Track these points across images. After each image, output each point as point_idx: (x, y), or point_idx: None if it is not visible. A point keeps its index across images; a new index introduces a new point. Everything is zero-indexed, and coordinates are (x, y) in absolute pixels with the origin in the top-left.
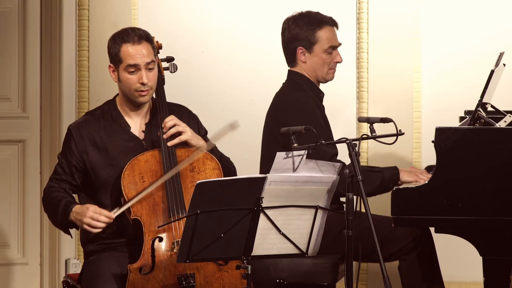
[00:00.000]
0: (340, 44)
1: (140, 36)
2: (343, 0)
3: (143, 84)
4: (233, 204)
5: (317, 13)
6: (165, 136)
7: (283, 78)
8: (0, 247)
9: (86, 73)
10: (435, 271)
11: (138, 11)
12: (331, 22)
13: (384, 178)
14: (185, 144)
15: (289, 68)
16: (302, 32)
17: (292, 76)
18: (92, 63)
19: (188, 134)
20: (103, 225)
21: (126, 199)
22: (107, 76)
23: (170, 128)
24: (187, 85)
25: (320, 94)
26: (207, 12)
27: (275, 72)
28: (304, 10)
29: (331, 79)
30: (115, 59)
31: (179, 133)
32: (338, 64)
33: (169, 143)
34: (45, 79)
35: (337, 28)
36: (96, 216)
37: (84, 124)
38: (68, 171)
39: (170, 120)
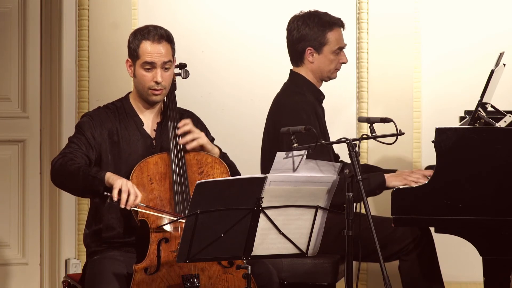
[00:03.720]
0: (346, 45)
1: (161, 35)
2: (343, 0)
3: (157, 83)
4: (233, 204)
5: (326, 13)
6: (181, 142)
7: (283, 78)
8: (0, 247)
9: (86, 73)
10: (435, 271)
11: (138, 11)
12: (340, 23)
13: (370, 185)
14: (199, 149)
15: (291, 69)
16: (312, 32)
17: (294, 78)
18: (92, 63)
19: (204, 139)
20: (132, 197)
21: None
22: (107, 76)
23: (185, 132)
24: (187, 85)
25: (321, 97)
26: (207, 12)
27: (275, 72)
28: (311, 10)
29: (335, 77)
30: (133, 54)
31: (194, 139)
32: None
33: (188, 147)
34: (45, 79)
35: (344, 29)
36: (133, 191)
37: (102, 114)
38: (88, 147)
39: (187, 124)
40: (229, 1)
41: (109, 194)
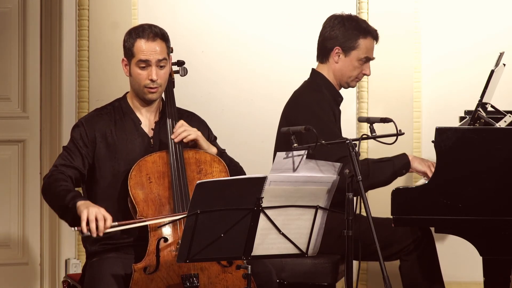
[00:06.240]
0: (374, 58)
1: (156, 33)
2: (343, 0)
3: (152, 80)
4: (233, 204)
5: (364, 21)
6: (176, 140)
7: (283, 78)
8: (0, 247)
9: (86, 73)
10: (435, 271)
11: (138, 11)
12: (374, 35)
13: (395, 167)
14: (194, 147)
15: (313, 68)
16: (346, 33)
17: (314, 76)
18: (92, 63)
19: (199, 136)
20: (101, 223)
21: (133, 200)
22: (107, 76)
23: (180, 133)
24: (187, 85)
25: (339, 98)
26: (207, 12)
27: (275, 72)
28: (352, 14)
29: (353, 87)
30: (128, 53)
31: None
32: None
33: (177, 140)
34: (45, 79)
35: (377, 42)
36: (101, 216)
37: (96, 118)
38: (77, 159)
39: (180, 126)
40: (229, 1)
41: (77, 228)
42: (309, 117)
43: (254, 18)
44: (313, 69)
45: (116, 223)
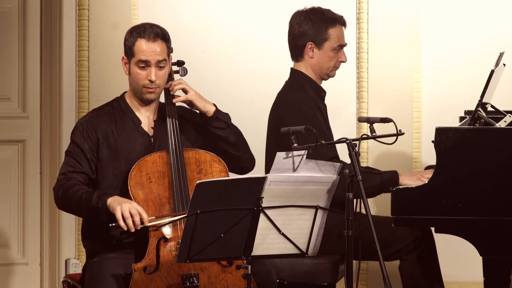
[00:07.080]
0: (346, 44)
1: (157, 34)
2: (343, 0)
3: (151, 81)
4: (233, 204)
5: (329, 10)
6: (171, 92)
7: (283, 77)
8: (0, 247)
9: (86, 73)
10: (435, 271)
11: (138, 11)
12: (342, 21)
13: (384, 180)
14: (190, 105)
15: (292, 67)
16: (314, 27)
17: (294, 75)
18: (92, 63)
19: (193, 94)
20: (137, 218)
21: (133, 199)
22: (107, 76)
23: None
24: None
25: (322, 93)
26: (207, 12)
27: (275, 72)
28: (315, 6)
29: (333, 76)
30: (129, 52)
31: (184, 93)
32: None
33: (174, 100)
34: (45, 79)
35: (345, 27)
36: (135, 211)
37: (96, 119)
38: (84, 163)
39: (177, 83)
40: (229, 1)
41: (114, 224)
42: (298, 117)
43: (254, 18)
44: (292, 69)
45: (154, 217)
